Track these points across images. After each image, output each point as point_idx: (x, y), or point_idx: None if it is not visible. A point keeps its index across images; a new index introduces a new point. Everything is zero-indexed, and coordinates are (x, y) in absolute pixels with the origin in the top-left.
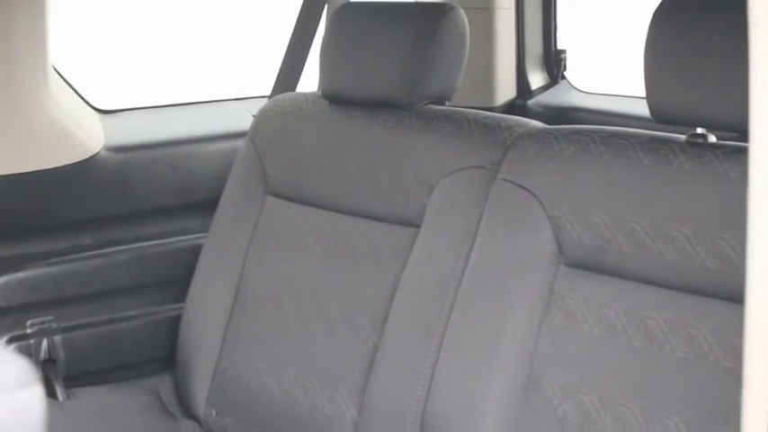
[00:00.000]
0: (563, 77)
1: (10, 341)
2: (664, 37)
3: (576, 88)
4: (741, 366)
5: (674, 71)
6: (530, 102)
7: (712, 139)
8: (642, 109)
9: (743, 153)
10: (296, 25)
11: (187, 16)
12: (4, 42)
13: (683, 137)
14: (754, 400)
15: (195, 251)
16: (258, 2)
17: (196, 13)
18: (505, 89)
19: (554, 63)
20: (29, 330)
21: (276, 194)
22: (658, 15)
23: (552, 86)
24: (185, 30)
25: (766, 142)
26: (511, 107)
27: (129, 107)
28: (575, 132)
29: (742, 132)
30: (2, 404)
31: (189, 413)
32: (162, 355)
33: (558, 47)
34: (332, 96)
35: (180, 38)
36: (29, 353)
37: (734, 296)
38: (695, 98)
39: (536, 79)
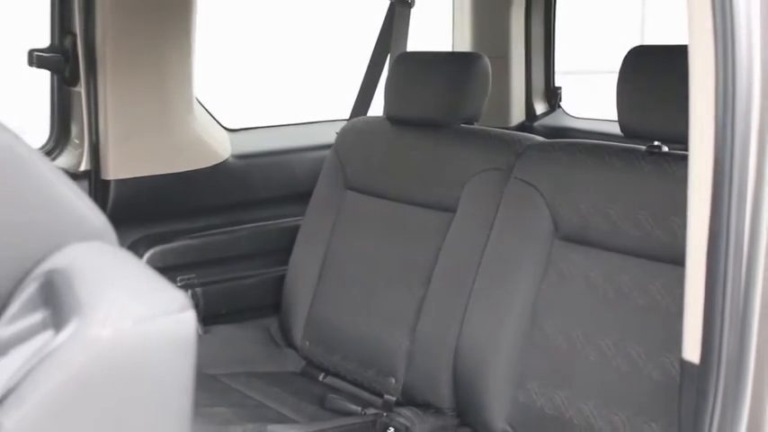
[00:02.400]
0: (559, 106)
1: None
2: (631, 75)
3: (568, 114)
4: (683, 312)
5: (638, 100)
6: (535, 123)
7: (665, 149)
8: (614, 128)
9: (686, 159)
10: (367, 67)
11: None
12: (162, 82)
13: (644, 147)
14: (691, 335)
15: (295, 229)
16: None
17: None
18: (517, 114)
19: (552, 96)
20: (178, 284)
21: (353, 189)
22: (628, 60)
23: (551, 113)
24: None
25: (700, 152)
26: (521, 127)
27: (248, 127)
28: (567, 145)
29: (686, 144)
30: (165, 323)
31: (290, 344)
32: (271, 303)
33: (555, 84)
34: (393, 118)
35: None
36: None
37: (680, 261)
38: (654, 119)
39: (540, 107)
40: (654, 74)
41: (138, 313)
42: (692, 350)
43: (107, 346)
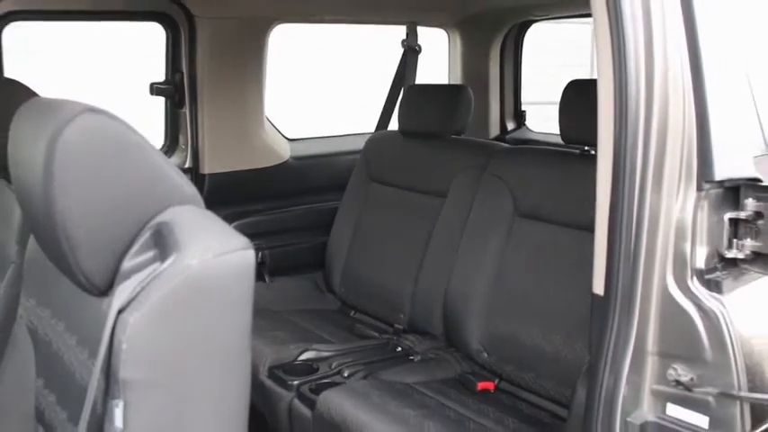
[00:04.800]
0: (524, 124)
1: None
2: (569, 100)
3: (530, 130)
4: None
5: (574, 117)
6: (507, 136)
7: (593, 152)
8: (558, 139)
9: None
10: (387, 95)
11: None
12: (242, 106)
13: (577, 151)
14: (598, 275)
15: (334, 210)
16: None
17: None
18: (494, 129)
19: (519, 117)
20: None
21: (375, 181)
22: (567, 89)
23: (518, 129)
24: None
25: (604, 152)
26: (497, 138)
27: (303, 137)
28: (525, 149)
29: None
30: (234, 257)
31: (330, 290)
32: (318, 262)
33: (522, 108)
34: (404, 132)
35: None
36: None
37: None
38: (585, 131)
39: (510, 125)
40: (584, 98)
41: (216, 250)
42: (598, 286)
43: (195, 271)
